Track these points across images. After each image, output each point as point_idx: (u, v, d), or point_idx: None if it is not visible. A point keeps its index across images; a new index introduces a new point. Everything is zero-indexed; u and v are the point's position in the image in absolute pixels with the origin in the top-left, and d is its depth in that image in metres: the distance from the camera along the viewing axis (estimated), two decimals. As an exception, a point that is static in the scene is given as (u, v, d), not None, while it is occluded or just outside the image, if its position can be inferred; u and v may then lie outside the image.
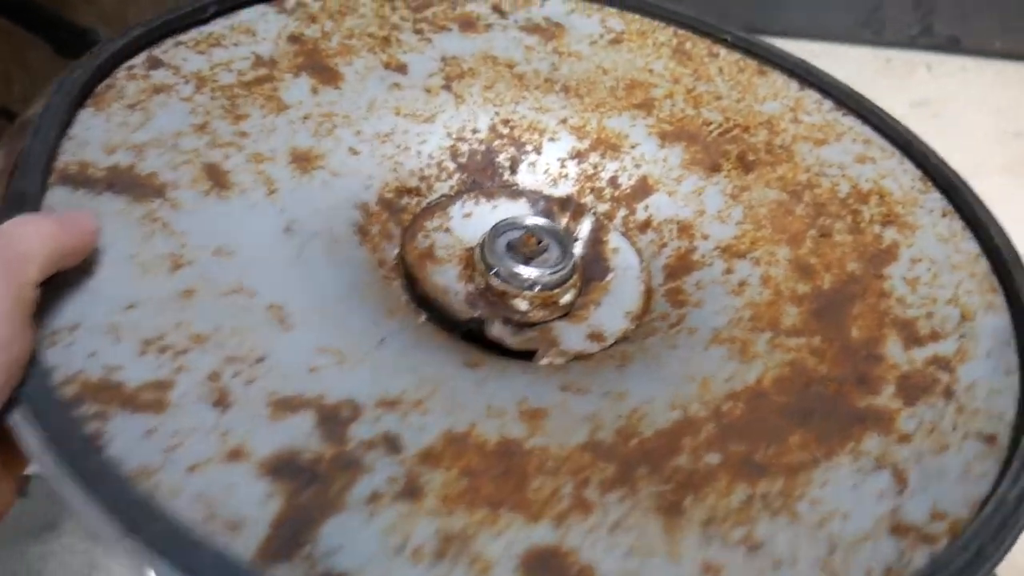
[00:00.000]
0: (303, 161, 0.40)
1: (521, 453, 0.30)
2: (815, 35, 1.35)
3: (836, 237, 0.42)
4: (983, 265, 0.41)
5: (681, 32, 0.53)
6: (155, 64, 0.41)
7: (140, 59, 0.41)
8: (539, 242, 0.40)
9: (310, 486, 0.27)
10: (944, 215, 0.43)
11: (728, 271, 0.41)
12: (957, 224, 0.43)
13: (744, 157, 0.46)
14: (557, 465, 0.30)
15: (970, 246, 0.42)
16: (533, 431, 0.31)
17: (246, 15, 0.46)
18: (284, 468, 0.28)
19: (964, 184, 0.44)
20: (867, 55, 1.37)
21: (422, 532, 0.27)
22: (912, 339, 0.37)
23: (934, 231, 0.42)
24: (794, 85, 0.50)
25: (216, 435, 0.28)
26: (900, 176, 0.45)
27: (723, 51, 0.52)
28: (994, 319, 0.38)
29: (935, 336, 0.37)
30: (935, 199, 0.44)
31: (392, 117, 0.44)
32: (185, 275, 0.33)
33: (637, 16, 0.53)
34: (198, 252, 0.34)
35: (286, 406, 0.30)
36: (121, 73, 0.40)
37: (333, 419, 0.30)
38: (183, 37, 0.43)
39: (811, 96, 0.50)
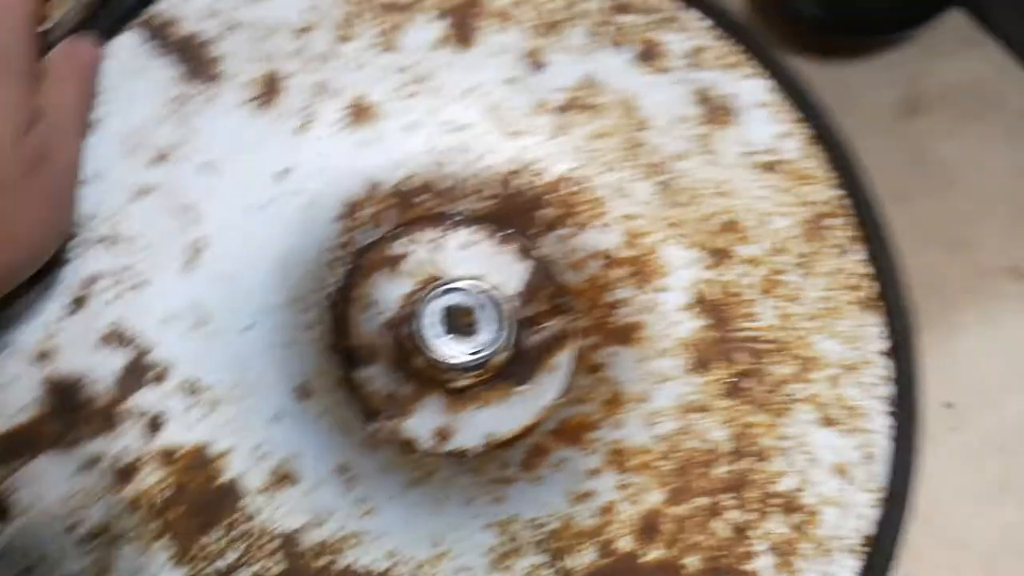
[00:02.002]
0: (359, 114, 0.42)
1: (231, 508, 0.34)
2: None
3: (716, 526, 0.38)
4: None
5: (844, 204, 0.44)
6: None
7: None
8: (471, 324, 0.40)
9: (63, 418, 0.34)
10: None
11: (593, 474, 0.39)
12: None
13: (744, 378, 0.41)
14: (244, 536, 0.34)
15: None
16: (264, 489, 0.35)
17: None
18: (64, 389, 0.34)
19: None
20: None
21: (96, 512, 0.33)
22: None
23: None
24: (877, 344, 0.42)
25: (45, 331, 0.34)
26: (847, 519, 0.39)
27: (857, 252, 0.44)
28: None
29: None
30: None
31: (480, 113, 0.43)
32: (156, 173, 0.38)
33: (820, 152, 0.45)
34: (189, 155, 0.38)
35: (116, 339, 0.35)
36: None
37: (136, 373, 0.35)
38: None
39: (884, 368, 0.42)
